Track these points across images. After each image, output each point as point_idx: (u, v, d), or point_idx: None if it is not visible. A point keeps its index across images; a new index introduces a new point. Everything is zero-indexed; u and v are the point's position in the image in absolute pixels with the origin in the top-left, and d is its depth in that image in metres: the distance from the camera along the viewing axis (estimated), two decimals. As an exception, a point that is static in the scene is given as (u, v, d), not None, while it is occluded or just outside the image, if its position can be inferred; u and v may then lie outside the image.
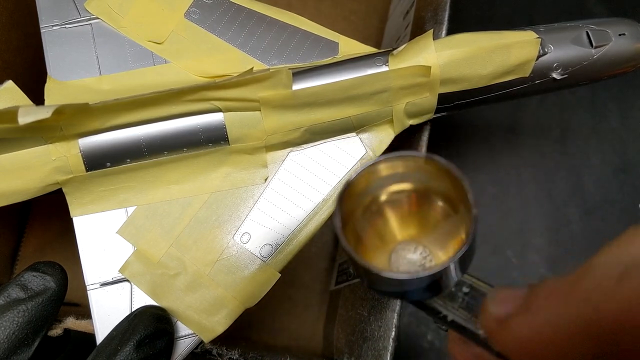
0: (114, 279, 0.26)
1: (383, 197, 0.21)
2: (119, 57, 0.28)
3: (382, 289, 0.19)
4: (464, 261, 0.18)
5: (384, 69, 0.27)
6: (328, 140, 0.28)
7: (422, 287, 0.18)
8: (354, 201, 0.20)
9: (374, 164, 0.20)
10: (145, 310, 0.25)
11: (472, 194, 0.18)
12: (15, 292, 0.24)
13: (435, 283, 0.18)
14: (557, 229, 0.45)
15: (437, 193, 0.20)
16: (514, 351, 0.16)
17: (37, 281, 0.24)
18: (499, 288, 0.18)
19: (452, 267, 0.18)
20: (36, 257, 0.40)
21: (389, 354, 0.27)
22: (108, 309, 0.26)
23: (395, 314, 0.27)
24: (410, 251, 0.20)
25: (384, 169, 0.20)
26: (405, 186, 0.20)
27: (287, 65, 0.28)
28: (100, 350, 0.23)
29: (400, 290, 0.19)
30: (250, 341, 0.40)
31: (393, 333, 0.27)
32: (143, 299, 0.26)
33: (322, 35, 0.29)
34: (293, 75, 0.26)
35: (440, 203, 0.20)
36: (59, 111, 0.23)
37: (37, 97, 0.26)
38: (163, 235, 0.26)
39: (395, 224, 0.21)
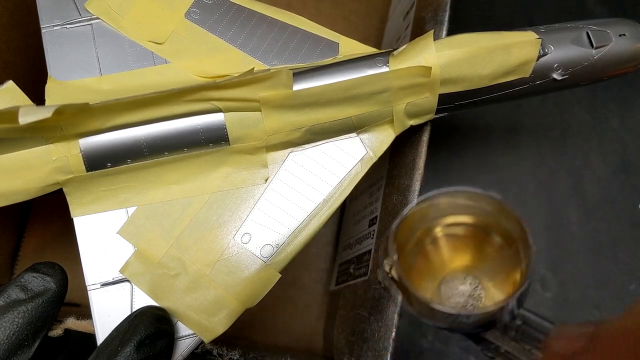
0: (114, 279, 0.26)
1: (438, 230, 0.20)
2: (119, 57, 0.28)
3: (434, 322, 0.19)
4: (521, 298, 0.18)
5: (385, 69, 0.27)
6: (328, 140, 0.28)
7: (473, 323, 0.18)
8: (407, 232, 0.20)
9: (434, 197, 0.19)
10: (145, 311, 0.25)
11: (531, 232, 0.18)
12: (15, 293, 0.24)
13: (487, 320, 0.18)
14: (557, 229, 0.45)
15: (494, 228, 0.20)
16: None
17: (37, 282, 0.24)
18: (563, 325, 0.18)
19: (509, 304, 0.18)
20: (36, 257, 0.40)
21: (389, 355, 0.27)
22: (108, 309, 0.26)
23: (396, 315, 0.27)
24: (460, 281, 0.20)
25: (443, 203, 0.20)
26: (463, 219, 0.20)
27: (288, 65, 0.28)
28: (100, 351, 0.23)
29: (455, 325, 0.19)
30: (250, 341, 0.40)
31: (393, 333, 0.27)
32: (143, 299, 0.26)
33: (323, 36, 0.29)
34: (293, 75, 0.26)
35: (496, 238, 0.20)
36: (60, 111, 0.23)
37: (38, 97, 0.26)
38: (163, 236, 0.26)
39: (447, 255, 0.21)
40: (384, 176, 0.34)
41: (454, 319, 0.18)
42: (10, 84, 0.26)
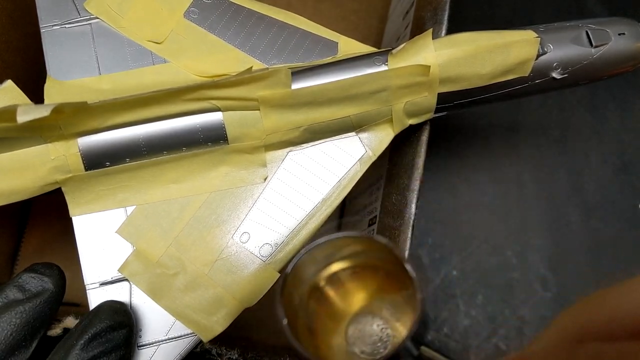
0: (113, 279, 0.26)
1: (322, 283, 0.20)
2: (118, 57, 0.28)
3: None
4: (416, 338, 0.18)
5: (383, 68, 0.26)
6: (327, 139, 0.28)
7: None
8: (294, 294, 0.20)
9: (319, 245, 0.19)
10: (102, 305, 0.25)
11: (416, 276, 0.18)
12: (12, 294, 0.24)
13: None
14: (557, 229, 0.45)
15: (381, 267, 0.20)
16: None
17: (34, 282, 0.24)
18: None
19: (407, 345, 0.18)
20: (36, 257, 0.40)
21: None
22: (107, 309, 0.26)
23: (395, 314, 0.27)
24: (367, 324, 0.20)
25: (330, 249, 0.20)
26: (343, 264, 0.20)
27: (287, 64, 0.28)
28: (59, 347, 0.23)
29: None
30: (249, 341, 0.40)
31: (392, 333, 0.27)
32: (142, 299, 0.26)
33: (322, 35, 0.29)
34: (292, 74, 0.26)
35: (385, 276, 0.20)
36: (58, 110, 0.23)
37: (37, 97, 0.26)
38: (162, 235, 0.26)
39: (342, 302, 0.21)
40: (384, 176, 0.34)
41: None
42: (9, 83, 0.26)
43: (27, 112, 0.21)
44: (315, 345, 0.18)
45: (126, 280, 0.26)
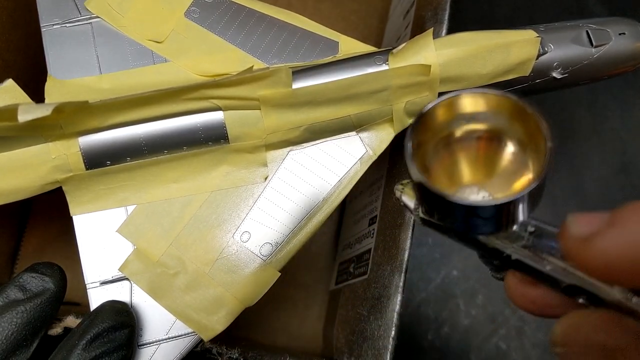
0: (113, 278, 0.26)
1: (458, 134, 0.20)
2: (119, 56, 0.28)
3: (443, 220, 0.19)
4: (534, 199, 0.18)
5: (384, 67, 0.27)
6: (328, 139, 0.28)
7: (487, 219, 0.18)
8: (427, 132, 0.19)
9: (456, 97, 0.19)
10: (104, 305, 0.25)
11: (548, 128, 0.17)
12: (13, 293, 0.24)
13: (500, 217, 0.18)
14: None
15: (508, 134, 0.20)
16: (599, 268, 0.16)
17: (35, 282, 0.24)
18: (579, 213, 0.17)
19: (522, 203, 0.17)
20: (36, 256, 0.40)
21: (388, 354, 0.27)
22: (108, 308, 0.26)
23: (395, 314, 0.27)
24: (473, 193, 0.20)
25: (465, 104, 0.19)
26: (480, 126, 0.20)
27: (287, 64, 0.28)
28: (61, 347, 0.23)
29: (464, 222, 0.19)
30: (250, 340, 0.40)
31: (393, 332, 0.27)
32: (142, 298, 0.26)
33: (322, 35, 0.29)
34: (293, 74, 0.26)
35: (509, 145, 0.20)
36: (59, 109, 0.23)
37: (38, 96, 0.26)
38: (163, 234, 0.26)
39: (464, 166, 0.20)
40: (384, 175, 0.34)
41: (467, 211, 0.18)
42: (9, 82, 0.26)
43: (28, 112, 0.21)
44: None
45: (127, 279, 0.26)
